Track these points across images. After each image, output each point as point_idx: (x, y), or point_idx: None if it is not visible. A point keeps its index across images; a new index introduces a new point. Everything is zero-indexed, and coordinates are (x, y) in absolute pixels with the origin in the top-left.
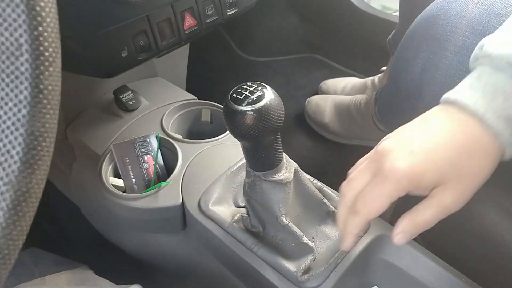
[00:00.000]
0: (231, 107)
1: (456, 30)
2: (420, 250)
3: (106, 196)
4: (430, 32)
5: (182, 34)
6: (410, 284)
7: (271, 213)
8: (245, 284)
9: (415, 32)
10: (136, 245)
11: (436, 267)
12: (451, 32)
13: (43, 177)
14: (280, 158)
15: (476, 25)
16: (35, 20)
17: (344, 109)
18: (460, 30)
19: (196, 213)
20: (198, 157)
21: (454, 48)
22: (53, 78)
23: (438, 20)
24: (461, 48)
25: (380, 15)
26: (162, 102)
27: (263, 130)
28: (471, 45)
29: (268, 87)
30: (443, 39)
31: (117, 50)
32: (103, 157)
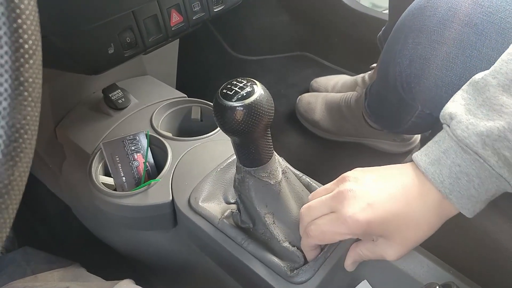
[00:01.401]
0: (221, 103)
1: (443, 22)
2: None
3: (96, 195)
4: (417, 24)
5: (169, 31)
6: (399, 278)
7: (256, 210)
8: (235, 280)
9: (403, 24)
10: (127, 243)
11: (425, 261)
12: (438, 24)
13: (25, 169)
14: (270, 154)
15: (462, 17)
16: (14, 12)
17: (334, 107)
18: (447, 22)
19: (186, 210)
20: (188, 154)
21: (441, 39)
22: (34, 70)
23: (425, 11)
24: (448, 40)
25: (370, 13)
26: (152, 100)
27: (253, 125)
28: (458, 36)
29: (257, 83)
30: (430, 31)
31: (103, 47)
32: (93, 155)
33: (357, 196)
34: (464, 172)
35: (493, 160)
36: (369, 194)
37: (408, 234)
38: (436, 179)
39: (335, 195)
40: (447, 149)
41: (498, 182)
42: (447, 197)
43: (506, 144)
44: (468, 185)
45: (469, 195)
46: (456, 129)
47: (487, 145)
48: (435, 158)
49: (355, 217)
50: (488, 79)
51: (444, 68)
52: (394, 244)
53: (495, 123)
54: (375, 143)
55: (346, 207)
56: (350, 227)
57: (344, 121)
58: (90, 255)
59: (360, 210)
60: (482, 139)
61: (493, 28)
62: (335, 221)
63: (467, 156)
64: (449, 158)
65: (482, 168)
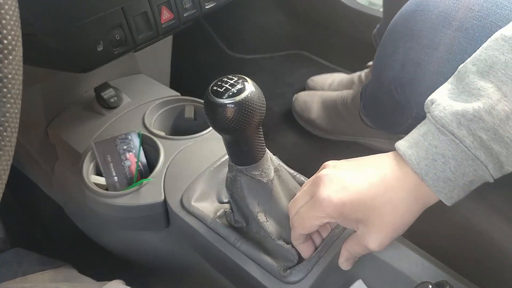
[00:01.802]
0: (211, 100)
1: (433, 26)
2: (404, 242)
3: (87, 194)
4: (408, 28)
5: (159, 28)
6: (394, 277)
7: (248, 209)
8: (228, 280)
9: (394, 28)
10: (120, 243)
11: (420, 260)
12: (429, 28)
13: (5, 167)
14: (262, 152)
15: (452, 21)
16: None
17: (331, 105)
18: (438, 26)
19: (178, 210)
20: (181, 153)
21: (432, 44)
22: (13, 66)
23: (416, 16)
24: (438, 44)
25: (367, 10)
26: (145, 99)
27: (244, 123)
28: (449, 41)
29: (249, 80)
30: (421, 35)
31: (93, 45)
32: (84, 155)
33: (333, 179)
34: (441, 154)
35: (468, 141)
36: (345, 177)
37: (385, 218)
38: (413, 160)
39: (313, 180)
40: (426, 132)
41: (475, 165)
42: (423, 178)
43: (482, 125)
44: (444, 166)
45: (445, 178)
46: (434, 110)
47: (462, 125)
48: (413, 141)
49: (329, 198)
50: (468, 66)
51: (436, 73)
52: (373, 230)
53: (471, 104)
54: (371, 142)
55: (321, 189)
56: (325, 209)
57: (341, 119)
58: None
59: (334, 192)
60: (457, 118)
61: (484, 32)
62: (311, 204)
63: (444, 137)
64: (427, 140)
65: (458, 149)
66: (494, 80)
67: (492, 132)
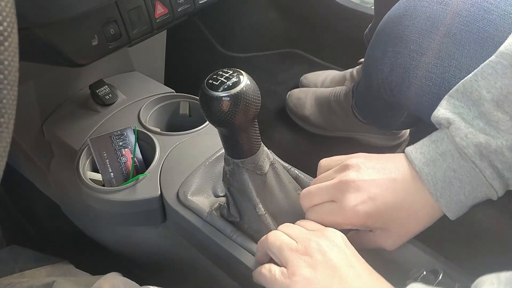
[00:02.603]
0: (207, 93)
1: (421, 32)
2: None
3: (84, 191)
4: (395, 33)
5: (154, 23)
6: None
7: (249, 201)
8: (225, 272)
9: (383, 31)
10: (117, 239)
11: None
12: (417, 33)
13: (2, 154)
14: (258, 145)
15: (440, 27)
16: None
17: (324, 102)
18: (426, 32)
19: (174, 204)
20: (176, 149)
21: (419, 49)
22: (9, 53)
23: (404, 20)
24: (426, 50)
25: (359, 8)
26: (139, 95)
27: (240, 116)
28: (436, 47)
29: (244, 73)
30: (410, 40)
31: (87, 39)
32: (80, 152)
33: (359, 187)
34: (458, 178)
35: (488, 172)
36: (371, 186)
37: (408, 225)
38: (430, 181)
39: (337, 184)
40: (445, 152)
41: (487, 191)
42: (437, 199)
43: (501, 158)
44: (459, 191)
45: (457, 201)
46: (455, 136)
47: (483, 156)
48: (431, 158)
49: (356, 209)
50: (483, 92)
51: (424, 78)
52: (394, 235)
53: (494, 139)
54: (364, 137)
55: (348, 198)
56: (350, 219)
57: (334, 115)
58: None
59: (361, 203)
60: (479, 150)
61: (471, 38)
62: (335, 211)
63: (464, 163)
64: (445, 162)
65: (476, 177)
66: (509, 111)
67: (509, 164)
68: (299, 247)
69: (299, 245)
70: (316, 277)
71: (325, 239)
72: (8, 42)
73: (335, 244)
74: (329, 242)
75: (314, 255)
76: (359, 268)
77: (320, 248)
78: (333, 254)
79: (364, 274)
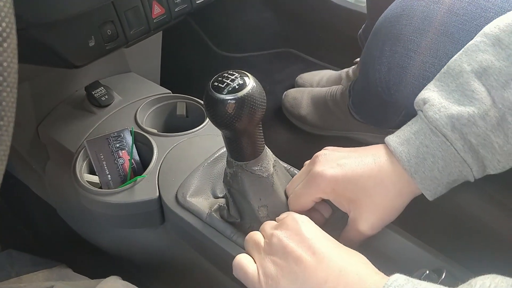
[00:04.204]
0: (212, 95)
1: (419, 31)
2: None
3: (81, 193)
4: (393, 32)
5: (151, 23)
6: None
7: (250, 204)
8: (225, 275)
9: (379, 31)
10: (115, 242)
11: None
12: (414, 33)
13: (2, 157)
14: (262, 148)
15: (438, 26)
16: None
17: (320, 101)
18: (423, 31)
19: (173, 206)
20: (174, 150)
21: (417, 48)
22: (8, 54)
23: (401, 20)
24: (424, 49)
25: (353, 7)
26: (136, 97)
27: (245, 118)
28: (434, 46)
29: (249, 75)
30: (407, 40)
31: (84, 40)
32: (77, 154)
33: (328, 158)
34: (431, 153)
35: (460, 144)
36: (340, 157)
37: (377, 200)
38: (403, 157)
39: (311, 160)
40: (418, 130)
41: (461, 167)
42: (412, 175)
43: (474, 130)
44: (433, 166)
45: (432, 177)
46: (428, 111)
47: (455, 128)
48: (405, 138)
49: (323, 173)
50: (464, 65)
51: (421, 77)
52: (364, 211)
53: (466, 108)
54: (361, 136)
55: (317, 166)
56: (319, 184)
57: (330, 115)
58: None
59: (329, 168)
60: (452, 122)
61: (469, 36)
62: (306, 181)
63: (435, 138)
64: (418, 139)
65: (448, 151)
66: (486, 84)
67: (483, 137)
68: (265, 247)
69: (265, 244)
70: (283, 274)
71: (285, 229)
72: (7, 43)
73: (295, 231)
74: (290, 231)
75: (276, 251)
76: (323, 250)
77: (281, 242)
78: (293, 245)
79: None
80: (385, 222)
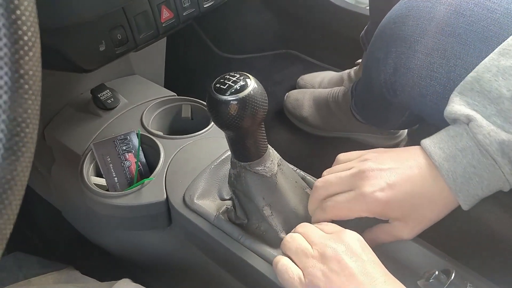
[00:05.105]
0: (214, 97)
1: (425, 32)
2: None
3: (89, 196)
4: (399, 33)
5: (160, 27)
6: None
7: (254, 204)
8: (233, 276)
9: (384, 32)
10: (121, 244)
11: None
12: (421, 34)
13: (28, 164)
14: (265, 148)
15: (445, 27)
16: (12, 3)
17: (322, 102)
18: (430, 32)
19: (181, 208)
20: (180, 152)
21: (424, 49)
22: (34, 63)
23: (407, 20)
24: (431, 50)
25: (353, 9)
26: (141, 99)
27: (248, 119)
28: (441, 47)
29: (251, 77)
30: (413, 40)
31: (95, 44)
32: (84, 156)
33: (378, 176)
34: (477, 174)
35: (508, 168)
36: (388, 174)
37: (424, 212)
38: (450, 176)
39: (356, 173)
40: (465, 148)
41: (503, 185)
42: (456, 194)
43: None
44: (477, 186)
45: (474, 194)
46: (477, 133)
47: (505, 154)
48: (450, 154)
49: (375, 195)
50: (503, 91)
51: (428, 77)
52: (411, 224)
53: None
54: (362, 137)
55: (367, 185)
56: (368, 206)
57: (332, 116)
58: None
59: (379, 189)
60: (502, 148)
61: (476, 37)
62: (353, 198)
63: (484, 160)
64: (465, 158)
65: (495, 173)
66: None
67: None
68: (314, 253)
69: (314, 251)
70: (331, 286)
71: (341, 243)
72: (32, 52)
73: (351, 249)
74: (346, 247)
75: (329, 263)
76: (375, 274)
77: (336, 255)
78: (348, 261)
79: (380, 280)
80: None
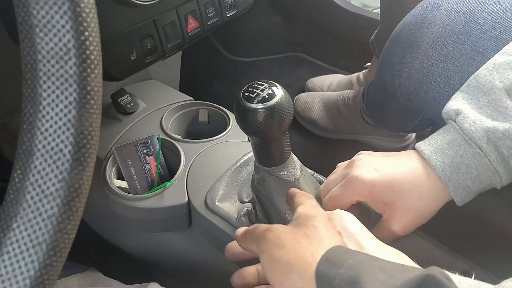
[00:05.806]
0: (243, 105)
1: (440, 39)
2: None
3: (112, 198)
4: (414, 39)
5: (186, 36)
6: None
7: (277, 208)
8: None
9: (399, 38)
10: (141, 245)
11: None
12: (435, 41)
13: (91, 173)
14: (288, 153)
15: (459, 34)
16: (81, 26)
17: (332, 105)
18: (445, 39)
19: (203, 210)
20: (200, 156)
21: (438, 56)
22: (98, 80)
23: (422, 27)
24: (446, 57)
25: (361, 12)
26: (160, 104)
27: (275, 126)
28: (456, 54)
29: (278, 85)
30: (428, 47)
31: (127, 54)
32: (106, 160)
33: (366, 162)
34: (465, 163)
35: (493, 156)
36: (377, 161)
37: (412, 203)
38: (438, 166)
39: (347, 163)
40: (452, 140)
41: (492, 176)
42: (446, 184)
43: (507, 143)
44: (466, 175)
45: (464, 185)
46: (463, 122)
47: (490, 141)
48: (438, 147)
49: (361, 177)
50: (496, 82)
51: (442, 83)
52: (399, 213)
53: (501, 123)
54: (371, 140)
55: (354, 169)
56: (356, 187)
57: (342, 119)
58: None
59: (366, 172)
60: (487, 135)
61: (489, 45)
62: (343, 184)
63: (470, 149)
64: (452, 149)
65: (481, 162)
66: None
67: None
68: None
69: None
70: None
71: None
72: (97, 70)
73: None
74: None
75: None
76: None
77: None
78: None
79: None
80: (417, 224)
